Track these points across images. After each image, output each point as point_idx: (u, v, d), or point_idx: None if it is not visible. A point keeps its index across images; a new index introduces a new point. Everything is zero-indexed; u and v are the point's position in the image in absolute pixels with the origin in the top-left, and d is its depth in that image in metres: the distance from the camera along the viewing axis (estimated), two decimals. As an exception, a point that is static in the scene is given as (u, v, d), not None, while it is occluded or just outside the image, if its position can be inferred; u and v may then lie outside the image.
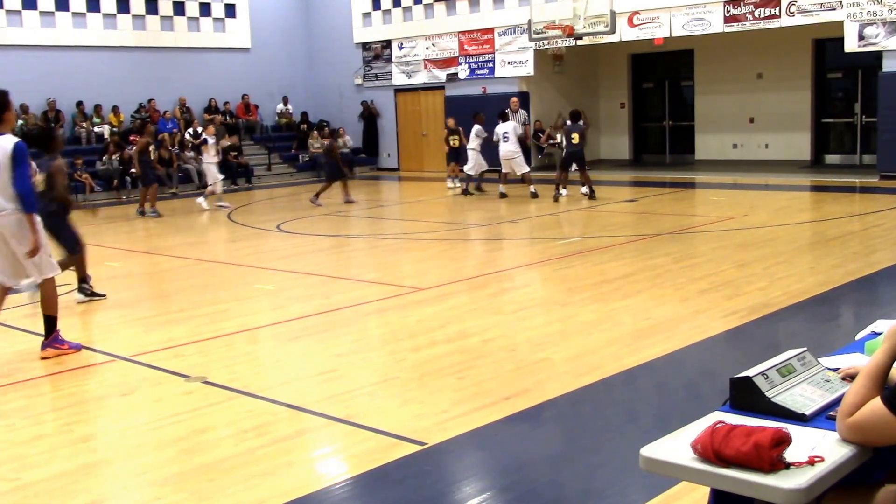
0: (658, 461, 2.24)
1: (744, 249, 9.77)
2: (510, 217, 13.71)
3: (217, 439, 4.73)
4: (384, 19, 23.51)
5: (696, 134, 22.01)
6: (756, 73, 20.64)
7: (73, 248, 8.38)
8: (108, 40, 21.35)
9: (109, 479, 4.31)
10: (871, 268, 8.58)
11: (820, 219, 12.34)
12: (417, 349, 6.37)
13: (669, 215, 13.19)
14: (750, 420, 2.31)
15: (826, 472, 2.09)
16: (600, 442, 4.57)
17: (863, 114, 19.43)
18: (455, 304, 7.89)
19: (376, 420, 4.90)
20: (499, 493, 4.02)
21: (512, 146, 15.95)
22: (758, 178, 17.74)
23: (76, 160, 19.06)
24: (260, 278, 9.54)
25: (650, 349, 6.09)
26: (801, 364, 2.60)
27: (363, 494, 4.08)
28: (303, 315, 7.64)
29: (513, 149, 15.95)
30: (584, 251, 10.18)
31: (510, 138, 15.99)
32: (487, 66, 21.49)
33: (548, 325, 7.04)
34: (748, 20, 17.47)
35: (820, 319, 6.98)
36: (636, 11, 18.62)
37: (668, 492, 3.74)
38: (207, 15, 23.15)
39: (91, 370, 6.24)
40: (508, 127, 16.16)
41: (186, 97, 22.42)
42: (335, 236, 12.90)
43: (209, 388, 5.63)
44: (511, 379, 5.58)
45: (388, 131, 24.12)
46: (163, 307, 8.28)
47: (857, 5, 16.16)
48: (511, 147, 15.96)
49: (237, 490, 4.05)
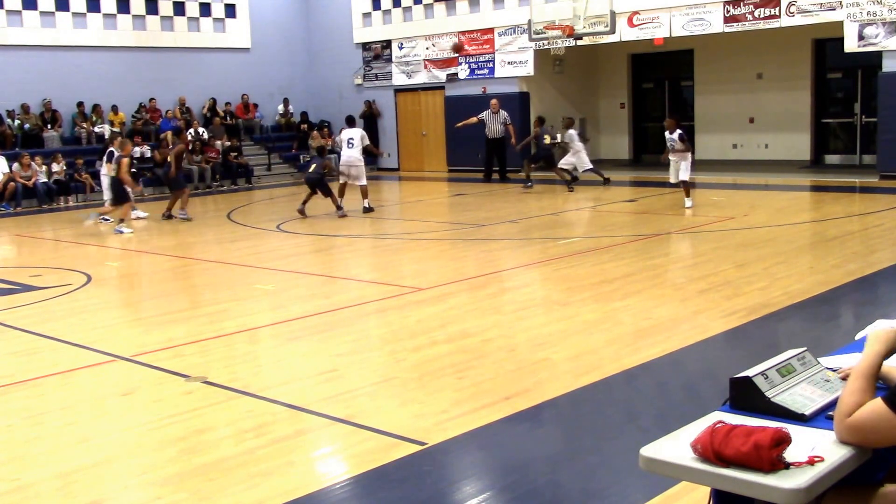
0: (658, 461, 2.24)
1: (744, 249, 9.77)
2: (510, 217, 13.71)
3: (217, 439, 4.73)
4: (384, 19, 23.51)
5: (696, 134, 21.98)
6: (756, 73, 20.64)
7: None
8: (108, 40, 21.34)
9: (109, 479, 4.31)
10: (871, 268, 8.58)
11: (820, 219, 12.34)
12: (417, 349, 6.37)
13: (669, 215, 13.19)
14: (750, 420, 2.32)
15: (826, 472, 2.09)
16: (600, 442, 4.57)
17: (863, 114, 19.43)
18: (455, 304, 7.88)
19: (376, 420, 4.90)
20: (499, 493, 4.02)
21: (356, 153, 14.92)
22: (758, 178, 17.73)
23: (77, 160, 19.07)
24: (260, 278, 9.54)
25: (650, 349, 6.09)
26: (800, 364, 2.61)
27: (363, 494, 4.08)
28: (303, 315, 7.64)
29: (357, 155, 14.91)
30: (584, 251, 10.18)
31: (355, 144, 14.94)
32: (487, 67, 21.48)
33: (548, 325, 7.04)
34: (748, 20, 17.47)
35: (820, 319, 6.98)
36: (636, 11, 18.61)
37: (668, 492, 3.74)
38: (207, 15, 23.15)
39: (91, 370, 6.24)
40: (355, 133, 15.13)
41: (186, 97, 22.41)
42: (335, 236, 12.89)
43: (209, 388, 5.63)
44: (511, 379, 5.58)
45: (389, 131, 24.11)
46: (163, 307, 8.28)
47: (857, 5, 16.16)
48: (355, 154, 14.91)
49: (237, 490, 4.05)
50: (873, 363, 2.30)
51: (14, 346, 7.00)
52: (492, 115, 19.57)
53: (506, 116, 19.50)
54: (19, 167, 17.94)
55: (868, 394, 2.24)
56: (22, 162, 18.02)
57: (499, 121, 19.53)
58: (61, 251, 12.89)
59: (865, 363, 2.31)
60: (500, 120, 19.51)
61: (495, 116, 19.54)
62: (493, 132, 19.66)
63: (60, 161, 18.74)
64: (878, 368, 2.32)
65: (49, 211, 17.71)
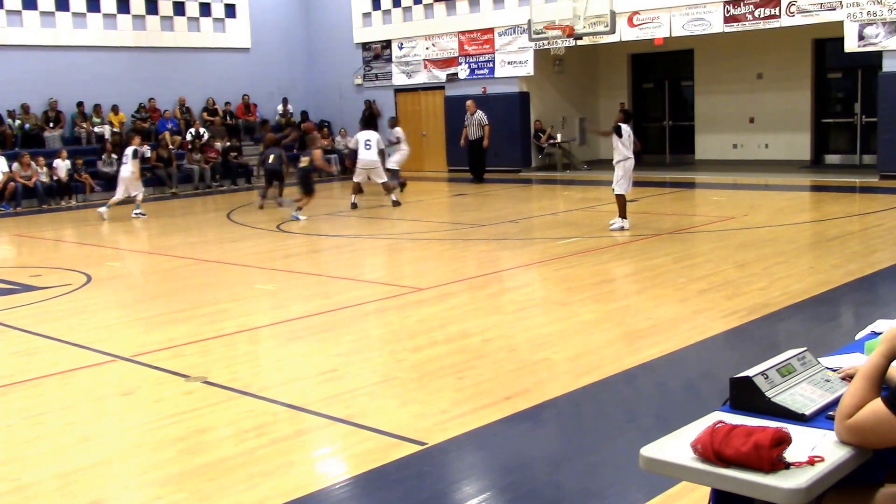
0: (658, 461, 2.24)
1: (744, 249, 9.77)
2: (510, 217, 13.71)
3: (217, 439, 4.73)
4: (384, 19, 23.50)
5: (696, 134, 22.00)
6: (756, 73, 20.63)
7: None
8: (108, 40, 21.33)
9: (109, 479, 4.31)
10: (871, 268, 8.58)
11: (820, 219, 12.34)
12: (417, 349, 6.37)
13: (669, 215, 13.20)
14: (750, 420, 2.31)
15: (826, 472, 2.09)
16: (600, 442, 4.57)
17: (863, 114, 19.43)
18: (455, 304, 7.89)
19: (376, 420, 4.90)
20: (499, 493, 4.02)
21: (373, 154, 15.53)
22: (758, 178, 17.73)
23: (77, 160, 19.06)
24: (260, 278, 9.54)
25: (650, 349, 6.09)
26: (801, 364, 2.60)
27: (363, 494, 4.08)
28: (303, 315, 7.64)
29: (374, 157, 15.53)
30: (584, 251, 10.18)
31: (372, 146, 15.56)
32: (487, 66, 21.48)
33: (548, 325, 7.04)
34: (748, 20, 17.46)
35: (820, 319, 6.98)
36: (636, 11, 18.61)
37: (668, 492, 3.74)
38: (207, 15, 23.14)
39: (91, 370, 6.24)
40: (372, 136, 15.67)
41: (186, 97, 22.41)
42: (335, 236, 12.90)
43: (209, 388, 5.63)
44: (511, 379, 5.58)
45: (389, 131, 24.07)
46: (163, 307, 8.28)
47: (857, 5, 16.15)
48: (373, 156, 15.50)
49: (237, 490, 4.05)
50: (876, 364, 2.30)
51: (14, 346, 7.00)
52: (469, 118, 19.69)
53: (481, 118, 19.61)
54: (19, 167, 17.94)
55: (870, 395, 2.24)
56: (22, 161, 18.02)
57: (475, 122, 19.62)
58: (61, 251, 12.90)
59: (869, 364, 2.31)
60: (476, 121, 19.59)
61: (472, 118, 19.65)
62: (471, 133, 19.75)
63: (65, 157, 18.70)
64: (883, 370, 2.30)
65: (49, 211, 17.71)
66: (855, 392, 2.25)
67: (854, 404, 2.22)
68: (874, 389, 2.26)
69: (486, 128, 19.53)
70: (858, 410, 2.21)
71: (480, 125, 19.59)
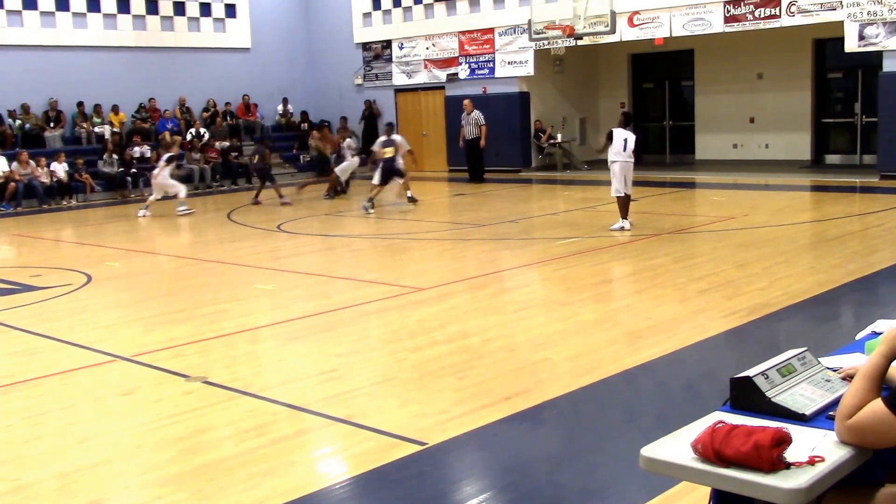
0: (658, 461, 2.24)
1: (744, 249, 9.77)
2: (510, 217, 13.71)
3: (217, 439, 4.73)
4: (384, 19, 23.50)
5: (697, 134, 22.00)
6: (756, 73, 20.63)
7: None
8: (108, 40, 21.32)
9: (109, 479, 4.31)
10: (871, 268, 8.58)
11: (820, 219, 12.34)
12: (417, 349, 6.37)
13: (669, 215, 13.19)
14: (750, 420, 2.31)
15: (826, 472, 2.09)
16: (600, 442, 4.57)
17: (863, 114, 19.43)
18: (455, 304, 7.89)
19: (376, 420, 4.90)
20: (499, 493, 4.02)
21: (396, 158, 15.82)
22: (758, 178, 17.73)
23: (77, 160, 19.06)
24: (260, 278, 9.54)
25: (650, 349, 6.09)
26: (801, 364, 2.60)
27: (363, 494, 4.08)
28: (303, 315, 7.64)
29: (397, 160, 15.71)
30: (584, 251, 10.18)
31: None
32: (487, 66, 21.48)
33: (548, 325, 7.04)
34: (748, 20, 17.46)
35: (820, 319, 6.98)
36: (636, 11, 18.61)
37: (668, 492, 3.74)
38: (207, 15, 23.13)
39: (91, 370, 6.24)
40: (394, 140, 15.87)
41: (186, 97, 22.40)
42: (335, 236, 12.90)
43: (209, 388, 5.63)
44: (511, 379, 5.58)
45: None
46: (163, 307, 8.28)
47: (857, 5, 16.15)
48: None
49: (237, 490, 4.05)
50: (877, 364, 2.30)
51: (14, 346, 7.00)
52: (465, 117, 19.69)
53: (478, 117, 19.61)
54: (18, 165, 17.93)
55: (870, 395, 2.23)
56: (20, 160, 18.01)
57: (471, 122, 19.62)
58: (61, 251, 12.90)
59: (869, 364, 2.30)
60: (473, 121, 19.59)
61: (468, 118, 19.65)
62: (467, 133, 19.75)
63: (62, 160, 18.70)
64: (883, 370, 2.29)
65: (49, 211, 17.71)
66: (855, 392, 2.25)
67: (854, 404, 2.22)
68: (874, 389, 2.25)
69: (482, 128, 19.52)
70: (859, 410, 2.21)
71: (477, 125, 19.59)
